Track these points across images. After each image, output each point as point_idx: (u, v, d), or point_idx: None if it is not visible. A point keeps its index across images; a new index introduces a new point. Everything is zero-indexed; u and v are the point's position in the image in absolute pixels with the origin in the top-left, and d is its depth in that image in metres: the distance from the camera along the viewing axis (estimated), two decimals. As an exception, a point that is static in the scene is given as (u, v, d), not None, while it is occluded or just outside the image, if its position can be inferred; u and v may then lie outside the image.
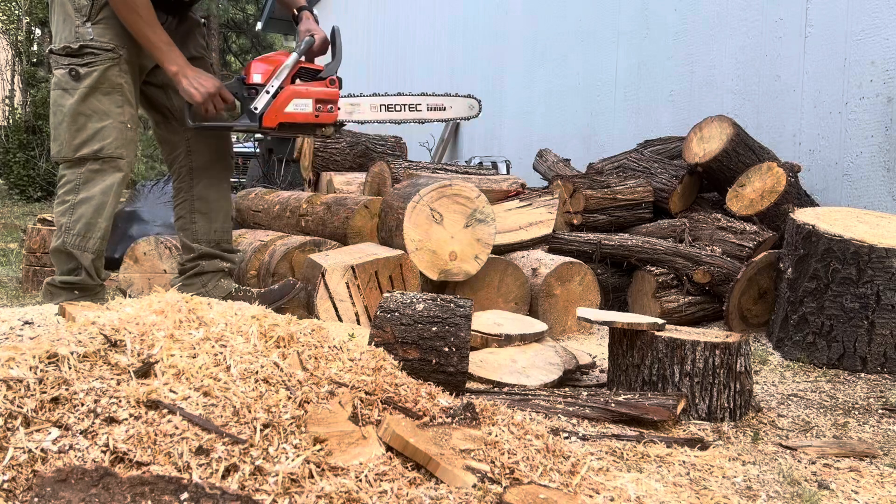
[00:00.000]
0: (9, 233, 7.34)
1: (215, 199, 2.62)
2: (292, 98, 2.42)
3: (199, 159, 2.58)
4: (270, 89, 2.40)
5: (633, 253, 3.43)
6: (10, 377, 1.12)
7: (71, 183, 2.36)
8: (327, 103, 2.47)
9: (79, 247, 2.34)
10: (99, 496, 0.94)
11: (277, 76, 2.41)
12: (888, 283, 2.60)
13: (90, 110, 2.32)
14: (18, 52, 12.65)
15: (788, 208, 3.26)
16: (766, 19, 4.15)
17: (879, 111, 3.49)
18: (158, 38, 2.30)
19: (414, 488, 1.14)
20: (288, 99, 2.41)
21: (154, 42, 2.30)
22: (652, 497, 1.33)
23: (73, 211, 2.35)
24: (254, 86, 2.42)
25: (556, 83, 6.03)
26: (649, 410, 1.87)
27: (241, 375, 1.25)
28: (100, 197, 2.35)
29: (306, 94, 2.44)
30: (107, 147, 2.33)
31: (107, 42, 2.32)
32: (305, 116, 2.45)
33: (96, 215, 2.35)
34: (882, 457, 1.79)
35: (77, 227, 2.34)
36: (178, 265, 2.68)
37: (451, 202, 2.90)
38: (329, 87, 2.47)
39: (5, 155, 11.30)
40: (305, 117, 2.45)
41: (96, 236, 2.36)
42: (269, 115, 2.41)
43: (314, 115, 2.45)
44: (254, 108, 2.41)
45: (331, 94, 2.47)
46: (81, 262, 2.35)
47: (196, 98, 2.32)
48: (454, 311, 1.81)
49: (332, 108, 2.48)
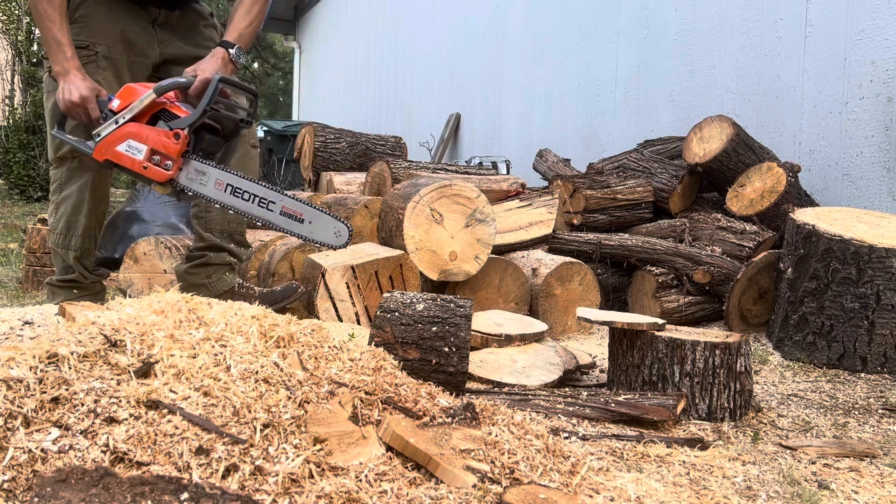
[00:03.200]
0: (9, 233, 7.34)
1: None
2: (127, 138, 2.13)
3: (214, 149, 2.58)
4: (120, 120, 2.14)
5: (633, 253, 3.43)
6: (10, 377, 1.12)
7: (55, 183, 2.39)
8: (164, 157, 2.11)
9: (62, 245, 2.36)
10: (99, 496, 0.94)
11: (131, 108, 2.13)
12: (888, 283, 2.60)
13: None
14: (18, 52, 12.65)
15: (788, 208, 3.26)
16: (766, 19, 4.15)
17: (879, 111, 3.49)
18: (50, 34, 2.21)
19: (414, 488, 1.14)
20: (123, 137, 2.13)
21: (45, 37, 2.22)
22: (652, 497, 1.33)
23: (57, 210, 2.38)
24: (112, 110, 2.17)
25: (556, 83, 6.03)
26: (649, 410, 1.87)
27: (241, 375, 1.25)
28: (77, 195, 2.36)
29: (143, 138, 2.12)
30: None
31: (82, 40, 2.31)
32: (132, 162, 2.14)
33: (76, 213, 2.36)
34: (882, 457, 1.79)
35: (59, 227, 2.36)
36: (187, 252, 2.68)
37: (452, 202, 2.90)
38: (168, 140, 2.09)
39: (5, 155, 11.30)
40: (132, 163, 2.14)
41: (77, 233, 2.37)
42: (100, 147, 2.16)
43: (142, 166, 2.13)
44: (95, 135, 2.18)
45: (168, 148, 2.10)
46: (66, 260, 2.36)
47: (60, 105, 2.21)
48: (454, 311, 1.81)
49: (170, 165, 2.12)
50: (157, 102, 2.12)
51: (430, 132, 7.72)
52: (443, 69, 8.06)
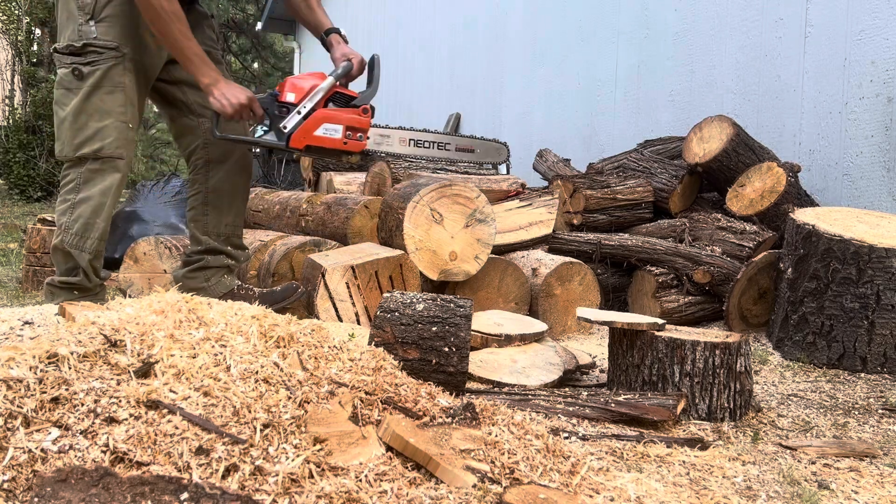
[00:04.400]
0: (9, 233, 7.34)
1: (229, 192, 2.63)
2: (323, 122, 2.41)
3: (215, 152, 2.60)
4: (302, 110, 2.40)
5: (633, 253, 3.43)
6: (10, 377, 1.12)
7: (72, 182, 2.36)
8: (357, 131, 2.45)
9: (76, 246, 2.35)
10: (99, 496, 0.94)
11: (311, 98, 2.40)
12: (888, 283, 2.60)
13: (92, 109, 2.33)
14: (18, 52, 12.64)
15: (788, 208, 3.25)
16: (766, 19, 4.15)
17: (879, 111, 3.49)
18: (191, 50, 2.32)
19: (414, 488, 1.14)
20: (318, 122, 2.40)
21: (187, 54, 2.32)
22: (652, 497, 1.33)
23: (73, 210, 2.35)
24: (286, 104, 2.41)
25: (556, 83, 6.03)
26: (649, 410, 1.87)
27: (241, 375, 1.25)
28: (98, 197, 2.36)
29: (338, 119, 2.42)
30: (106, 147, 2.34)
31: (110, 40, 2.33)
32: (333, 142, 2.43)
33: (94, 215, 2.35)
34: (882, 457, 1.79)
35: (76, 227, 2.34)
36: (184, 256, 2.68)
37: (452, 202, 2.90)
38: (361, 116, 2.45)
39: (5, 155, 11.30)
40: (333, 143, 2.43)
41: (94, 236, 2.36)
42: (297, 135, 2.40)
43: (342, 142, 2.44)
44: (283, 127, 2.40)
45: (362, 123, 2.45)
46: (79, 261, 2.35)
47: (227, 111, 2.33)
48: (454, 311, 1.81)
49: (362, 136, 2.47)
50: (335, 88, 2.43)
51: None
52: (443, 69, 8.06)
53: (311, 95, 2.40)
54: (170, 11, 2.25)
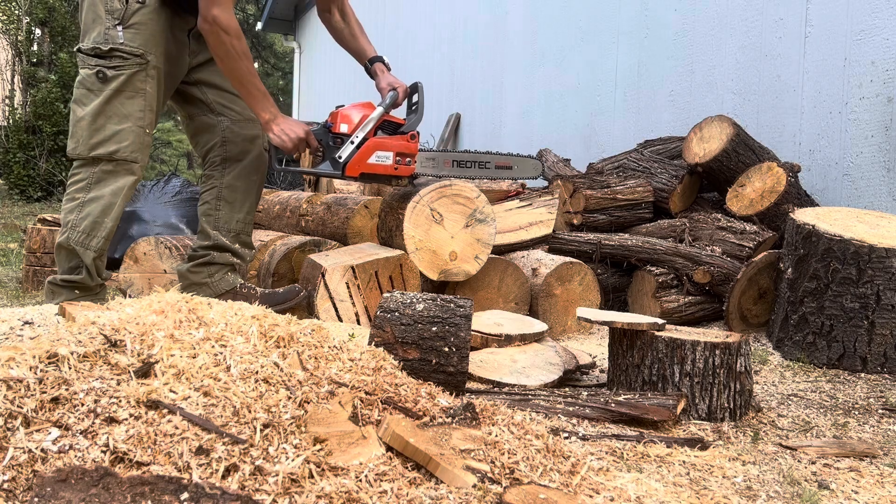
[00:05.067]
0: (9, 233, 7.34)
1: (243, 189, 2.66)
2: (375, 150, 2.56)
3: (233, 150, 2.64)
4: (355, 140, 2.54)
5: (633, 253, 3.43)
6: (10, 377, 1.12)
7: (83, 181, 2.38)
8: (406, 156, 2.63)
9: (82, 244, 2.36)
10: (99, 496, 0.94)
11: (363, 128, 2.55)
12: (888, 283, 2.60)
13: (111, 112, 2.36)
14: (18, 52, 12.65)
15: (788, 208, 3.25)
16: (766, 19, 4.15)
17: (879, 111, 3.49)
18: (255, 87, 2.42)
19: (414, 488, 1.14)
20: (371, 151, 2.56)
21: (251, 90, 2.42)
22: (652, 497, 1.33)
23: (82, 208, 2.37)
24: (340, 135, 2.56)
25: (556, 83, 6.03)
26: (649, 410, 1.87)
27: (241, 375, 1.25)
28: (109, 197, 2.38)
29: (388, 147, 2.58)
30: (122, 150, 2.37)
31: (136, 47, 2.37)
32: (385, 168, 2.59)
33: (103, 215, 2.37)
34: (882, 457, 1.79)
35: (83, 225, 2.36)
36: (191, 250, 2.69)
37: (452, 202, 2.90)
38: (409, 142, 2.61)
39: (5, 155, 11.30)
40: (385, 169, 2.59)
41: (101, 235, 2.38)
42: (352, 164, 2.54)
43: (393, 168, 2.61)
44: (338, 157, 2.54)
45: (411, 148, 2.62)
46: (83, 259, 2.36)
47: (287, 146, 2.45)
48: (454, 311, 1.81)
49: (411, 161, 2.64)
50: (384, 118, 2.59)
51: (430, 132, 7.72)
52: (443, 69, 8.06)
53: (362, 126, 2.54)
54: (240, 51, 2.35)
